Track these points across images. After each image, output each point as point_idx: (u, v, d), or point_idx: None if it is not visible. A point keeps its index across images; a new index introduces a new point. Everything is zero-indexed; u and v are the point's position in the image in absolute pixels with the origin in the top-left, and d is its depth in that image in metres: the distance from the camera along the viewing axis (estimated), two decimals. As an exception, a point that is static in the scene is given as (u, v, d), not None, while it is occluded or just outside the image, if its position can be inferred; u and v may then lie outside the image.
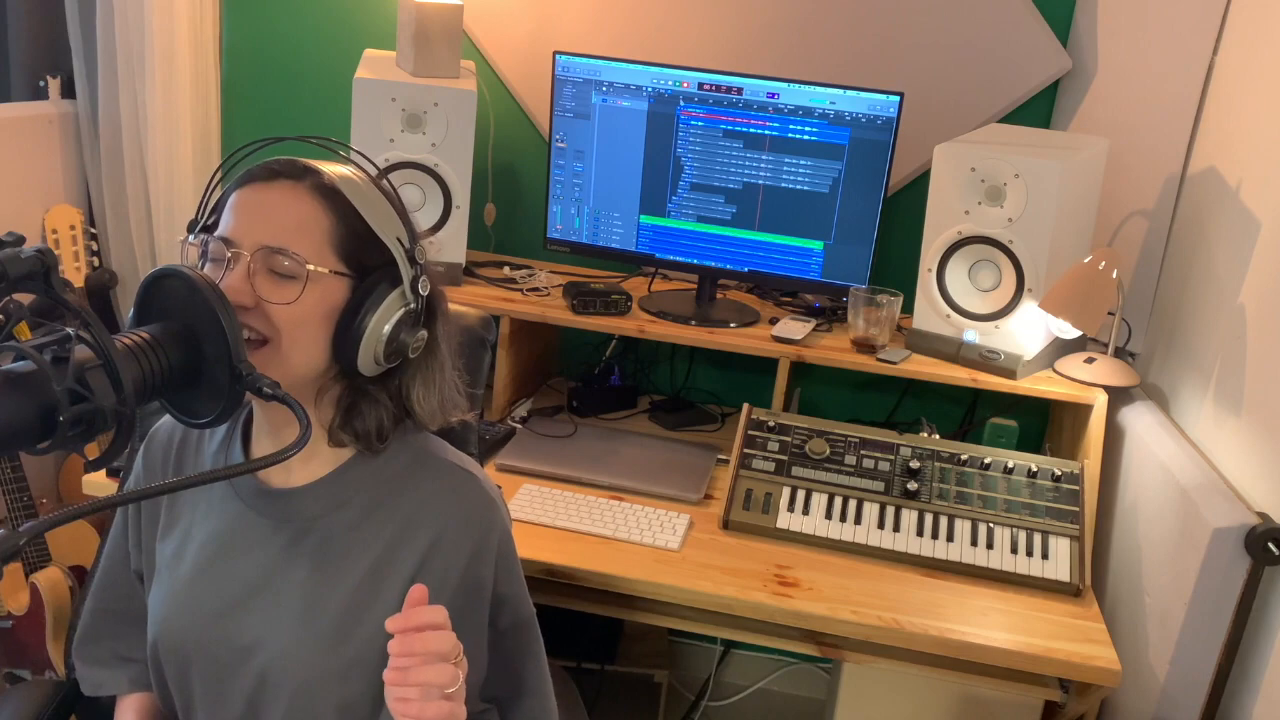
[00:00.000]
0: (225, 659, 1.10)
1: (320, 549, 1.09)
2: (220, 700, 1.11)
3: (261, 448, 1.12)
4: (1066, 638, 1.53)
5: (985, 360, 1.84)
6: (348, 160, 1.10)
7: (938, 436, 1.86)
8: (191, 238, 1.05)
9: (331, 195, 1.04)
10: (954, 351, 1.87)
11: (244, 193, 1.04)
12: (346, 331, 1.03)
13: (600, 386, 2.18)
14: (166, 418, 1.20)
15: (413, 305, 1.06)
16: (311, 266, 1.01)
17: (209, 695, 1.12)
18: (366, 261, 1.04)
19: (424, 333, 1.09)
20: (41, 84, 2.37)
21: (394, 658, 0.93)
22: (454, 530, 1.09)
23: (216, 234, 1.03)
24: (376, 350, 1.04)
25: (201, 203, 1.06)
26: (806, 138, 1.90)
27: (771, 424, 1.83)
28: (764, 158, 1.93)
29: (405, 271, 1.06)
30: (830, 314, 2.05)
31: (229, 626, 1.10)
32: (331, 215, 1.03)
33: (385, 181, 1.10)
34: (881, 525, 1.71)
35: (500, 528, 1.13)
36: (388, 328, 1.04)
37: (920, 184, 2.01)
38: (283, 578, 1.09)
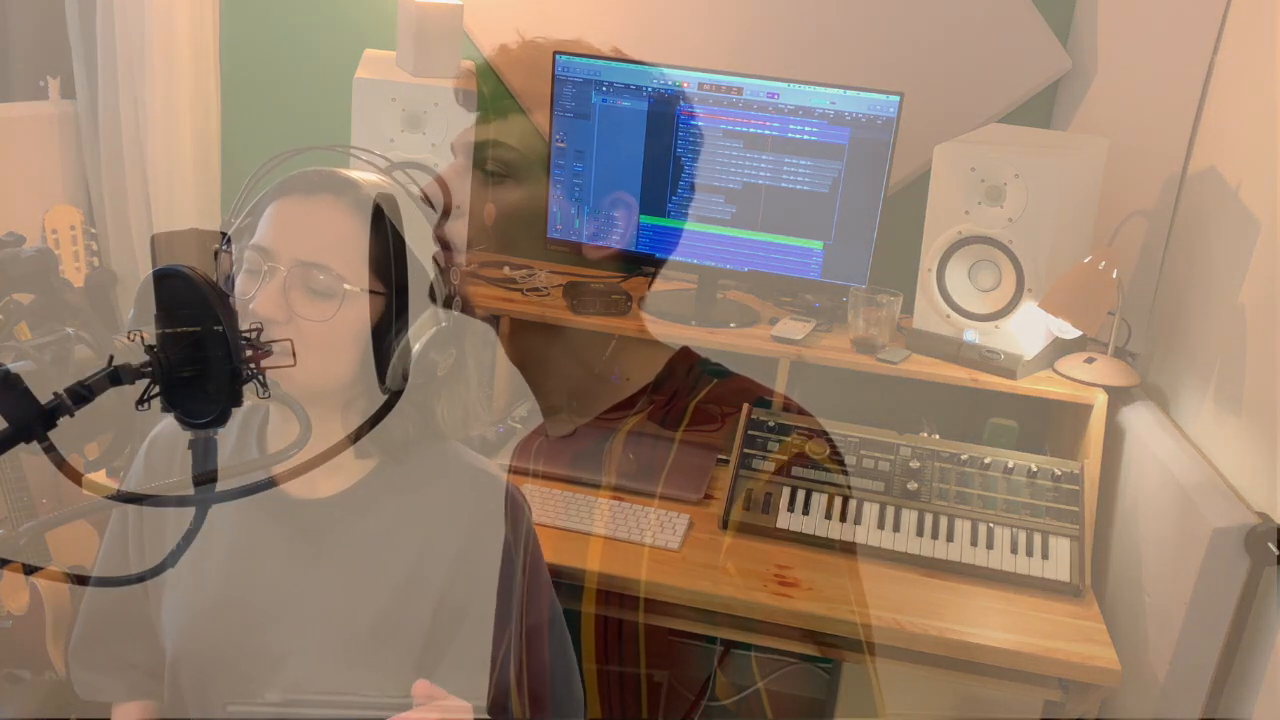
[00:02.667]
0: (252, 672, 1.09)
1: (348, 559, 1.09)
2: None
3: None
4: (1066, 638, 1.53)
5: (985, 360, 1.84)
6: (382, 171, 1.09)
7: (938, 436, 1.86)
8: (225, 246, 1.04)
9: (372, 212, 1.03)
10: (954, 351, 1.87)
11: (284, 204, 1.03)
12: (378, 349, 1.03)
13: (600, 387, 2.17)
14: (169, 420, 1.19)
15: (445, 324, 1.06)
16: (348, 286, 1.01)
17: None
18: (401, 279, 1.04)
19: (454, 351, 1.08)
20: (41, 84, 2.37)
21: None
22: (482, 534, 1.09)
23: (253, 243, 1.01)
24: (406, 368, 1.04)
25: (235, 208, 1.05)
26: (806, 138, 1.90)
27: (771, 424, 1.83)
28: (764, 158, 1.93)
29: (439, 291, 1.05)
30: (830, 314, 2.05)
31: (256, 639, 1.09)
32: (370, 232, 1.03)
33: (425, 199, 1.10)
34: (881, 525, 1.71)
35: (527, 528, 1.14)
36: (418, 347, 1.03)
37: (920, 184, 2.01)
38: (311, 589, 1.08)
